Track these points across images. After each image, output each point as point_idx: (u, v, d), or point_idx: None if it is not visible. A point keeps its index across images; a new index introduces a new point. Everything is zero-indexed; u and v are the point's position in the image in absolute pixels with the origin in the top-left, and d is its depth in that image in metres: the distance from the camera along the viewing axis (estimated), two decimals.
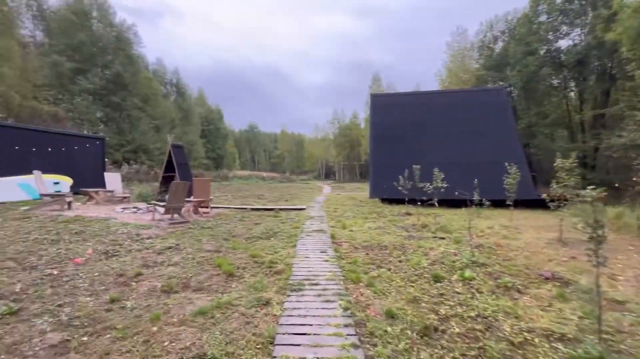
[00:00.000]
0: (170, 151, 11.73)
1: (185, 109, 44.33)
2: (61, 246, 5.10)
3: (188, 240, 5.95)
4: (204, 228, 7.10)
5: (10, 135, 9.93)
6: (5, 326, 2.73)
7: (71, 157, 11.37)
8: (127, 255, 4.96)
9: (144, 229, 6.58)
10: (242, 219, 8.53)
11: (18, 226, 6.22)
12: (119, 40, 26.06)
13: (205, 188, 9.12)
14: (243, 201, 13.11)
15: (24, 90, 17.84)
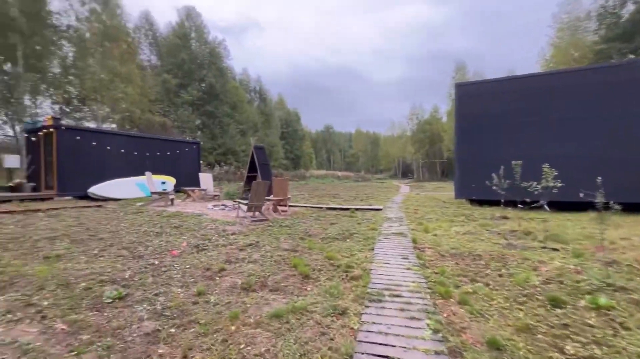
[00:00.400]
0: (252, 152, 12.54)
1: (266, 113, 47.74)
2: (163, 239, 5.75)
3: (267, 237, 6.12)
4: (282, 226, 7.28)
5: (131, 142, 11.96)
6: (114, 309, 3.07)
7: (174, 159, 13.15)
8: (214, 249, 5.30)
9: (229, 225, 7.05)
10: (318, 218, 8.53)
11: (134, 219, 7.32)
12: (212, 55, 29.50)
13: (283, 187, 9.43)
14: (319, 201, 13.26)
15: (142, 106, 21.60)
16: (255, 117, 39.46)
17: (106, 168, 10.05)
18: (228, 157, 28.49)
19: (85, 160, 10.14)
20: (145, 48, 32.92)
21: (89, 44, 18.55)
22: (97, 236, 5.66)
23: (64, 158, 9.70)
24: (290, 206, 10.79)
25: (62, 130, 9.76)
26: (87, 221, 6.79)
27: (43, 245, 4.99)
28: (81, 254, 4.67)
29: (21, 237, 5.29)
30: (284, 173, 33.32)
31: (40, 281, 3.63)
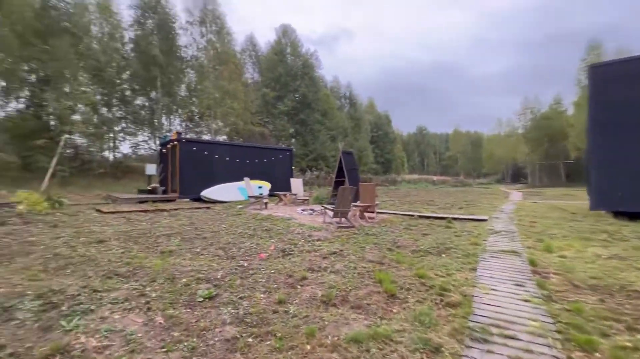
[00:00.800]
0: (340, 157, 12.53)
1: (356, 118, 48.01)
2: (254, 241, 6.08)
3: (352, 246, 5.85)
4: (368, 234, 6.91)
5: (234, 151, 13.47)
6: (203, 309, 3.23)
7: (269, 165, 14.24)
8: (298, 255, 5.31)
9: (315, 231, 7.06)
10: (408, 227, 7.84)
11: (232, 221, 8.04)
12: (305, 66, 31.36)
13: (370, 193, 9.04)
14: (410, 207, 12.34)
15: (245, 118, 24.39)
16: (345, 122, 40.08)
17: (215, 174, 11.53)
18: (319, 162, 29.60)
19: (199, 167, 11.86)
20: (249, 67, 37.26)
21: (206, 69, 22.11)
22: (201, 235, 6.35)
23: (184, 166, 11.55)
24: (378, 213, 10.30)
25: (183, 143, 11.66)
26: (197, 221, 7.75)
27: (161, 241, 5.83)
28: (187, 251, 5.25)
29: (148, 233, 6.32)
30: (373, 178, 32.70)
31: (153, 273, 4.15)
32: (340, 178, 12.76)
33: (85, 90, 16.17)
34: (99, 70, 17.79)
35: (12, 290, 3.49)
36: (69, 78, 15.31)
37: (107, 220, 7.38)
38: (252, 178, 13.68)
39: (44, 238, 5.61)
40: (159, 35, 20.48)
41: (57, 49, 15.07)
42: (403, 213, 10.34)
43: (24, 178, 14.80)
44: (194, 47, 22.82)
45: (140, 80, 20.41)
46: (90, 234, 6.03)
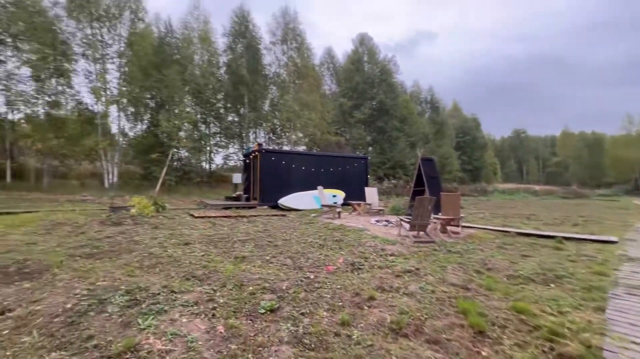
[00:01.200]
0: (419, 164, 11.62)
1: (438, 123, 44.76)
2: (323, 252, 5.89)
3: (430, 264, 5.17)
4: (451, 252, 6.06)
5: (309, 160, 13.77)
6: (263, 322, 3.12)
7: (344, 174, 14.11)
8: (368, 271, 4.91)
9: (388, 244, 6.52)
10: (502, 246, 6.65)
11: (304, 230, 8.05)
12: (382, 73, 30.73)
13: (454, 204, 8.03)
14: (505, 222, 10.63)
15: (322, 128, 25.03)
16: (426, 128, 37.69)
17: (291, 182, 11.94)
18: (397, 171, 28.35)
19: (277, 176, 12.46)
20: (327, 79, 38.38)
21: (286, 84, 23.60)
22: (273, 242, 6.46)
23: (263, 175, 12.29)
24: (464, 227, 9.09)
25: (263, 153, 12.44)
26: (271, 229, 7.99)
27: (237, 246, 6.11)
28: (258, 258, 5.35)
29: (227, 238, 6.73)
30: (459, 187, 29.71)
31: (224, 278, 4.28)
32: (419, 187, 11.81)
33: (188, 111, 18.91)
34: (199, 92, 20.64)
35: (112, 284, 3.98)
36: (177, 101, 18.12)
37: (195, 224, 8.19)
38: (327, 186, 13.72)
39: (145, 238, 6.45)
40: (246, 57, 22.76)
41: (168, 77, 18.05)
42: (495, 228, 8.91)
43: (144, 186, 17.88)
44: (276, 64, 24.65)
45: (231, 99, 22.93)
46: (180, 236, 6.71)
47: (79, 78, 17.62)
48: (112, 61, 18.35)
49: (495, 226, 9.58)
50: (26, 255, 5.07)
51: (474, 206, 17.74)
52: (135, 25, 18.86)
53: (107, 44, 18.34)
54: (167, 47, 19.26)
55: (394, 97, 30.46)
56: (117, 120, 18.52)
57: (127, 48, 18.52)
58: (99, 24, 17.61)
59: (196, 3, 22.74)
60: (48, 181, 16.47)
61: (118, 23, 18.24)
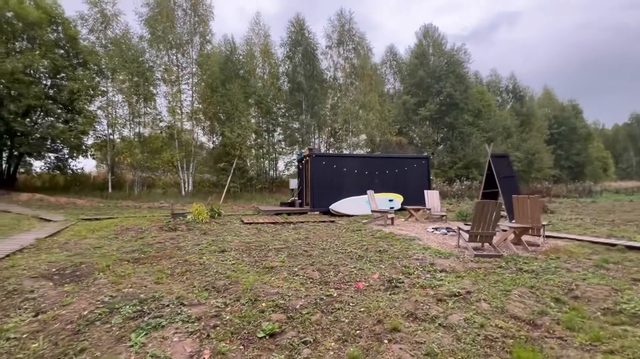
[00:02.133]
0: (489, 163, 10.03)
1: (524, 114, 39.05)
2: (359, 264, 5.26)
3: (489, 287, 4.14)
4: (522, 270, 4.84)
5: (362, 163, 13.09)
6: (256, 349, 2.73)
7: (401, 176, 13.02)
8: (407, 290, 4.16)
9: (441, 258, 5.56)
10: (602, 265, 5.10)
11: (349, 237, 7.47)
12: (449, 64, 28.08)
13: (533, 209, 6.53)
14: (612, 231, 8.37)
15: (382, 128, 23.94)
16: (507, 120, 33.10)
17: (343, 187, 11.46)
18: (470, 171, 25.38)
19: (328, 180, 12.10)
20: (390, 77, 36.90)
21: (343, 86, 23.29)
22: (309, 252, 6.07)
23: (314, 180, 12.07)
24: (548, 237, 7.38)
25: (313, 158, 12.24)
26: (313, 236, 7.62)
27: (271, 255, 5.89)
28: (286, 269, 5.01)
29: (264, 245, 6.58)
30: (552, 188, 25.12)
31: (241, 291, 4.04)
32: (490, 189, 10.17)
33: (249, 120, 20.04)
34: (260, 103, 21.73)
35: (135, 291, 4.06)
36: (239, 113, 19.35)
37: (242, 230, 8.30)
38: (382, 190, 12.85)
39: (188, 244, 6.70)
40: (303, 64, 23.21)
41: (231, 91, 19.44)
42: (595, 239, 7.01)
43: (214, 193, 19.42)
44: (333, 68, 24.52)
45: (291, 106, 23.59)
46: (221, 242, 6.80)
47: (160, 99, 20.23)
48: (187, 82, 20.62)
49: (597, 236, 7.58)
50: (87, 258, 5.65)
51: (572, 210, 14.62)
52: (204, 47, 20.87)
53: (182, 67, 20.67)
54: (230, 64, 20.82)
55: (464, 89, 27.47)
56: (192, 134, 20.61)
57: (197, 69, 20.60)
58: (174, 50, 19.96)
59: (257, 19, 24.24)
60: (138, 191, 19.17)
61: (190, 47, 20.41)
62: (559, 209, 14.71)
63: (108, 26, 19.55)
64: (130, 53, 18.54)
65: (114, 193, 18.43)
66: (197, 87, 20.86)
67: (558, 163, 42.39)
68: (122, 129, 19.94)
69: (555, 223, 9.96)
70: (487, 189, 10.37)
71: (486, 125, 29.35)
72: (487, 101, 33.03)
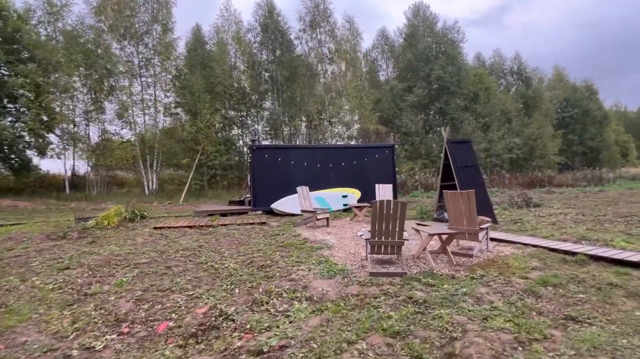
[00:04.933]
0: (445, 150, 8.58)
1: (529, 97, 36.51)
2: (205, 288, 4.02)
3: (336, 332, 2.87)
4: (411, 300, 3.50)
5: (314, 155, 11.69)
6: None
7: (360, 169, 11.58)
8: (221, 337, 2.93)
9: (324, 278, 4.28)
10: (533, 289, 3.73)
11: (253, 245, 6.18)
12: (440, 43, 26.02)
13: (466, 207, 5.11)
14: (591, 231, 6.87)
15: (363, 116, 22.41)
16: (507, 104, 30.87)
17: (290, 183, 10.13)
18: None
19: (272, 176, 10.78)
20: (382, 63, 34.97)
21: (314, 71, 21.66)
22: (172, 269, 4.87)
23: (257, 175, 10.78)
24: (500, 242, 5.97)
25: (254, 150, 10.94)
26: (212, 244, 6.40)
27: (118, 273, 4.69)
28: (103, 295, 3.83)
29: (127, 259, 5.38)
30: (555, 177, 23.07)
31: None
32: (449, 181, 8.72)
33: (213, 112, 18.79)
34: (226, 93, 20.22)
35: None
36: (201, 106, 18.15)
37: (139, 238, 7.13)
38: (337, 185, 11.49)
39: (45, 258, 5.59)
40: (272, 49, 21.73)
41: (192, 82, 18.31)
42: (556, 246, 5.56)
43: (180, 191, 18.33)
44: (306, 52, 22.84)
45: (264, 95, 22.11)
46: (88, 255, 5.66)
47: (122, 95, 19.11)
48: (149, 75, 19.47)
49: (564, 239, 6.13)
50: None
51: (565, 202, 12.92)
52: (165, 36, 19.62)
53: (146, 59, 19.52)
54: (193, 53, 19.61)
55: (456, 71, 25.42)
56: (154, 129, 19.54)
57: (159, 59, 19.44)
58: (132, 40, 18.84)
59: (227, 5, 22.81)
60: (97, 191, 18.31)
61: (149, 37, 19.23)
62: (548, 201, 13.04)
63: (59, 17, 18.49)
64: (86, 46, 17.51)
65: (72, 193, 17.59)
66: (157, 79, 19.70)
67: (569, 149, 39.84)
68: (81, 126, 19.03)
69: (527, 220, 8.45)
70: (446, 181, 8.90)
71: (483, 111, 27.33)
72: (487, 84, 30.85)
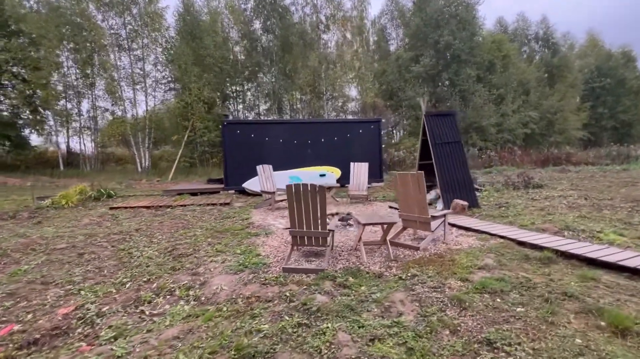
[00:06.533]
0: (423, 124, 7.71)
1: (554, 65, 33.51)
2: (91, 286, 3.62)
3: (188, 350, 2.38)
4: (294, 307, 2.97)
5: (291, 130, 10.94)
6: None
7: (342, 145, 10.82)
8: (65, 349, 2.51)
9: (230, 272, 3.79)
10: (462, 297, 3.11)
11: (197, 229, 5.75)
12: (449, 5, 23.69)
13: (415, 190, 4.41)
14: (576, 221, 6.03)
15: (363, 88, 21.14)
16: (527, 73, 28.41)
17: (264, 160, 9.55)
18: (469, 136, 22.08)
19: (245, 153, 10.22)
20: (392, 31, 32.69)
21: (309, 40, 20.20)
22: (85, 256, 4.50)
23: (228, 152, 10.25)
24: (467, 231, 5.28)
25: (225, 126, 10.34)
26: (154, 227, 6.04)
27: (28, 257, 4.37)
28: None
29: (45, 244, 5.07)
30: (572, 153, 21.33)
31: None
32: (426, 161, 7.91)
33: (202, 86, 18.06)
34: (214, 66, 19.16)
35: None
36: (188, 79, 17.45)
37: (85, 219, 6.86)
38: (316, 163, 10.83)
39: None
40: (265, 17, 20.42)
41: (178, 54, 17.60)
42: (525, 238, 4.84)
43: (170, 168, 18.17)
44: (302, 19, 21.25)
45: (259, 67, 21.00)
46: (8, 240, 5.40)
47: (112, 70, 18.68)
48: (134, 46, 18.89)
49: (542, 230, 5.38)
50: None
51: (574, 182, 11.75)
52: (150, 5, 18.74)
53: (134, 30, 18.84)
54: (182, 24, 18.73)
55: (468, 37, 23.25)
56: (145, 105, 19.21)
57: (146, 31, 18.71)
58: (119, 10, 18.11)
59: None
60: (91, 167, 18.45)
61: (134, 7, 18.42)
62: (556, 181, 11.88)
63: None
64: (68, 17, 16.97)
65: (66, 170, 17.79)
66: (146, 53, 19.06)
67: (597, 123, 36.90)
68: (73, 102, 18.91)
69: (515, 204, 7.55)
70: (424, 160, 8.08)
71: (499, 81, 25.24)
72: (506, 51, 28.34)
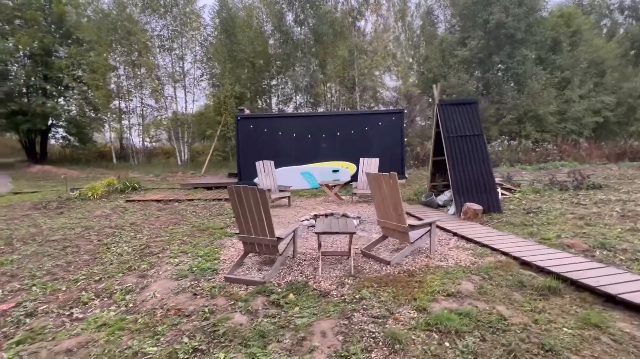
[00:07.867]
0: (436, 115, 6.89)
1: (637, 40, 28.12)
2: (45, 282, 3.76)
3: None
4: (222, 341, 2.72)
5: (305, 124, 10.57)
6: None
7: (360, 139, 10.19)
8: None
9: (177, 278, 3.68)
10: (432, 322, 2.59)
11: (187, 225, 5.81)
12: None
13: (390, 194, 3.84)
14: (606, 240, 4.90)
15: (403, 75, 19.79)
16: (607, 51, 24.16)
17: (277, 155, 9.43)
18: (523, 126, 19.47)
19: (258, 148, 10.15)
20: (439, 14, 30.29)
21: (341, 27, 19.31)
22: (66, 250, 4.75)
23: (242, 147, 10.26)
24: (476, 244, 4.58)
25: (239, 120, 10.32)
26: (150, 222, 6.24)
27: (20, 248, 4.75)
28: None
29: (39, 237, 5.46)
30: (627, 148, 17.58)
31: None
32: (440, 157, 7.07)
33: (234, 82, 18.48)
34: (247, 60, 19.42)
35: None
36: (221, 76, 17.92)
37: (97, 211, 7.35)
38: (330, 158, 10.40)
39: None
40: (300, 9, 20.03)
41: (215, 51, 18.18)
42: (533, 259, 4.04)
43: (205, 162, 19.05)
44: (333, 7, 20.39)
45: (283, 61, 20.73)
46: (14, 230, 5.94)
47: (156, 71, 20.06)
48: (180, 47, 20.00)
49: (570, 244, 4.47)
50: None
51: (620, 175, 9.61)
52: (189, 5, 19.58)
53: (177, 31, 19.94)
54: (218, 22, 19.28)
55: (525, 13, 20.32)
56: (183, 101, 20.27)
57: (186, 31, 19.68)
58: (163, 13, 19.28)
59: None
60: (139, 161, 20.12)
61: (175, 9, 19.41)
62: (626, 181, 9.77)
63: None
64: (116, 23, 18.52)
65: (118, 163, 19.66)
66: (186, 52, 20.07)
67: None
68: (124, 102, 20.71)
69: (550, 210, 6.31)
70: (439, 156, 7.20)
71: (564, 62, 21.89)
72: (576, 26, 24.45)
